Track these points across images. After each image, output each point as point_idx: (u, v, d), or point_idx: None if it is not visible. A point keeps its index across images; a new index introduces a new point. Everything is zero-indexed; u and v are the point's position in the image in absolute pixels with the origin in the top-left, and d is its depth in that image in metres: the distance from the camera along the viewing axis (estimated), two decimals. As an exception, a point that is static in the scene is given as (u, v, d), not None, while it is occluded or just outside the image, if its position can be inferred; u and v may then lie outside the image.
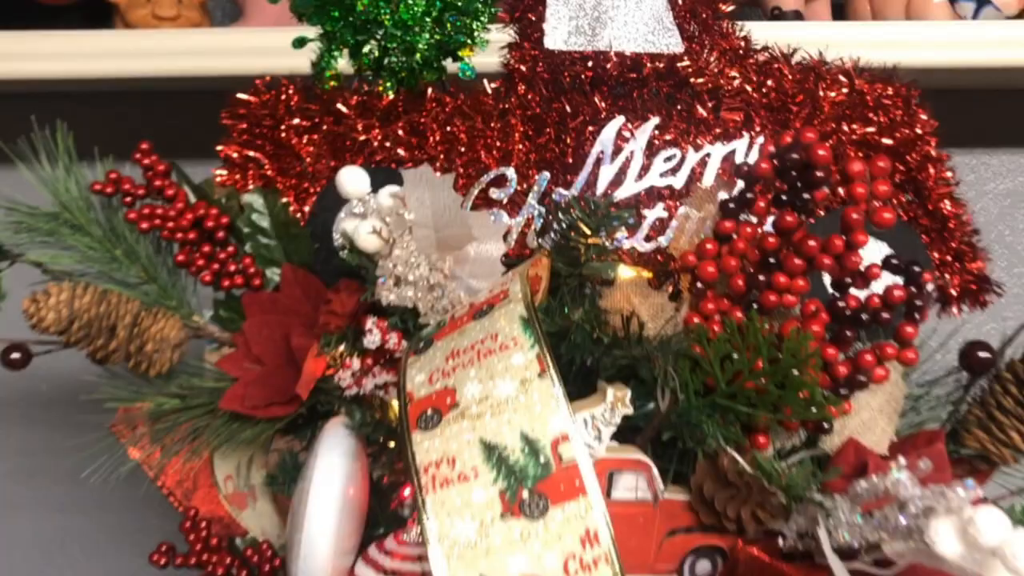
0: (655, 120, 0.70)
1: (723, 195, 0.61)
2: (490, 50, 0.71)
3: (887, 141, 0.66)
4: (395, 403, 0.71)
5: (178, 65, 0.98)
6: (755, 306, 0.59)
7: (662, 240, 0.70)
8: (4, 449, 1.41)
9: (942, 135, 0.76)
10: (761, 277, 0.59)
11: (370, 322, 0.68)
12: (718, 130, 0.69)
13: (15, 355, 0.75)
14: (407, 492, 0.72)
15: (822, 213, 0.63)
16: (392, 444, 0.71)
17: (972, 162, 1.29)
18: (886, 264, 0.60)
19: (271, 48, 0.83)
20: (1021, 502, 0.73)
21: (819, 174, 0.55)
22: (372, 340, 0.68)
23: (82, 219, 0.75)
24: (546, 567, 0.52)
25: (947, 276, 0.69)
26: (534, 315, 0.56)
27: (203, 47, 0.98)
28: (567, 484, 0.52)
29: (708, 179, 0.68)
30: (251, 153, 0.74)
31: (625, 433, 0.66)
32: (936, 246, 0.70)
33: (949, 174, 0.69)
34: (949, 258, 0.70)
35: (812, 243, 0.57)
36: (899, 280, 0.60)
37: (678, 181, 0.70)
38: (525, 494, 0.52)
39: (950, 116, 0.79)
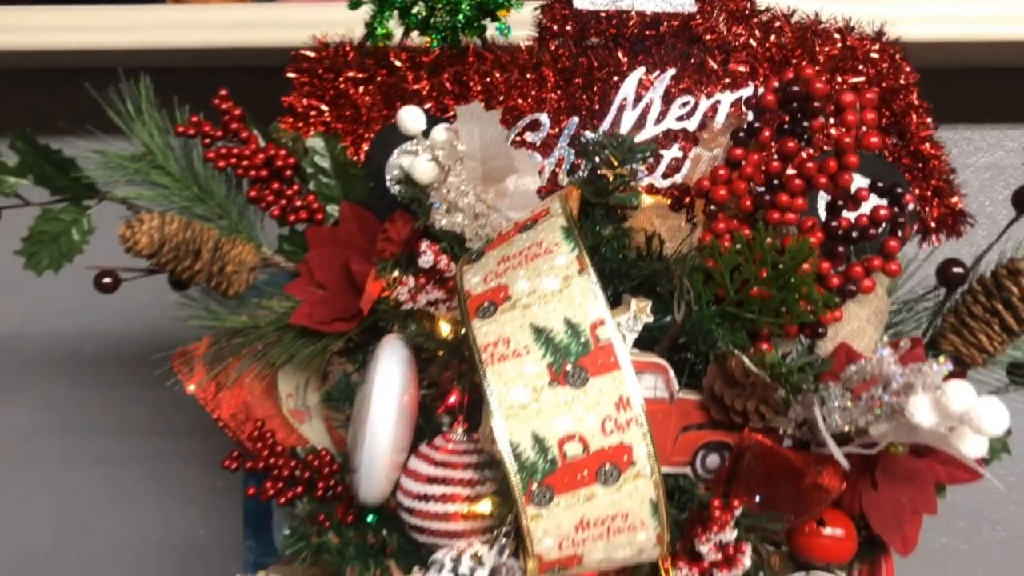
0: (671, 71, 0.81)
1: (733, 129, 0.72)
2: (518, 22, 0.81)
3: (874, 90, 0.76)
4: (443, 324, 0.81)
5: (227, 37, 1.08)
6: (761, 222, 0.69)
7: (677, 177, 0.81)
8: (53, 404, 1.51)
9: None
10: (766, 197, 0.69)
11: (424, 245, 0.78)
12: (727, 80, 0.80)
13: (107, 280, 0.85)
14: (452, 399, 0.83)
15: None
16: (440, 354, 0.81)
17: (955, 137, 1.39)
18: (873, 187, 0.71)
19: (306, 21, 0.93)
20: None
21: (816, 104, 0.66)
22: (426, 260, 0.78)
23: (163, 161, 0.85)
24: (586, 427, 0.62)
25: (927, 209, 0.79)
26: (573, 225, 0.67)
27: (250, 20, 1.08)
28: (603, 359, 0.63)
29: (719, 122, 0.79)
30: (313, 102, 0.84)
31: (644, 343, 0.77)
32: (917, 183, 0.80)
33: (929, 120, 0.79)
34: (929, 194, 0.80)
35: (810, 165, 0.67)
36: (884, 202, 0.71)
37: (692, 125, 0.80)
38: (569, 367, 0.63)
39: (934, 93, 0.89)
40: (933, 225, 0.81)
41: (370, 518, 0.84)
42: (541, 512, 0.62)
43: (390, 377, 0.78)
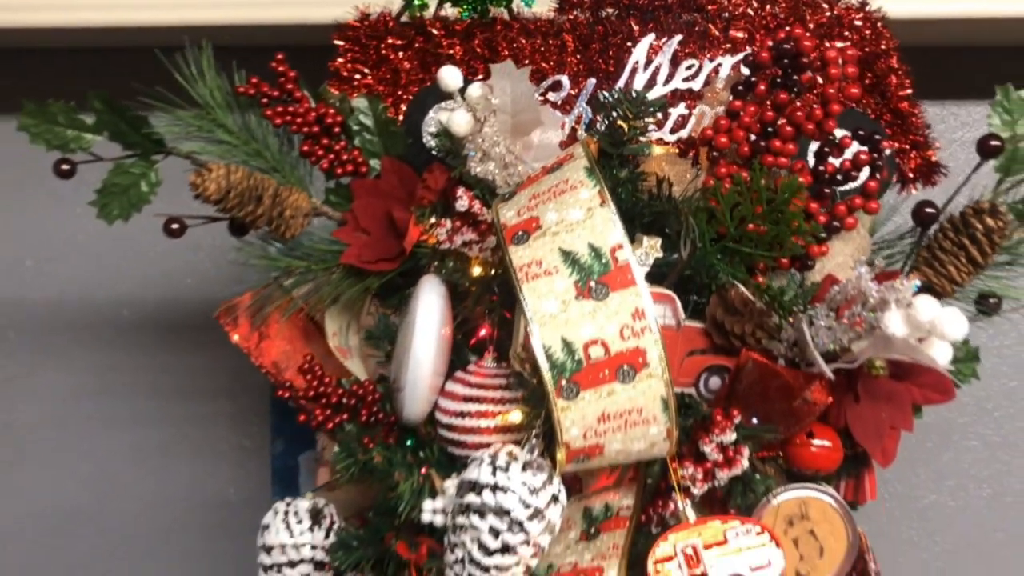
0: (678, 38, 0.93)
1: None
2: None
3: (854, 48, 0.88)
4: (475, 266, 0.93)
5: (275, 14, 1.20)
6: (757, 166, 0.81)
7: (683, 132, 0.93)
8: (92, 368, 1.61)
9: (915, 88, 0.98)
10: (762, 143, 0.81)
11: (460, 191, 0.90)
12: (727, 45, 0.92)
13: (174, 226, 0.97)
14: (483, 332, 0.95)
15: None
16: (473, 289, 0.93)
17: (942, 112, 1.51)
18: (855, 136, 0.83)
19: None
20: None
21: (805, 60, 0.78)
22: (461, 204, 0.90)
23: (224, 119, 0.97)
24: (607, 333, 0.74)
25: (905, 161, 0.91)
26: (595, 165, 0.78)
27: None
28: (622, 277, 0.75)
29: (720, 82, 0.91)
30: (357, 67, 0.96)
31: (654, 277, 0.88)
32: (897, 138, 0.92)
33: (907, 81, 0.91)
34: (907, 147, 0.92)
35: (799, 113, 0.79)
36: (864, 148, 0.83)
37: (696, 85, 0.92)
38: (592, 284, 0.75)
39: (922, 70, 1.00)
40: (911, 175, 0.93)
41: (409, 442, 0.96)
42: (569, 405, 0.74)
43: (430, 308, 0.90)
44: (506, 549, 0.77)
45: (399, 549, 0.89)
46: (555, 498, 0.79)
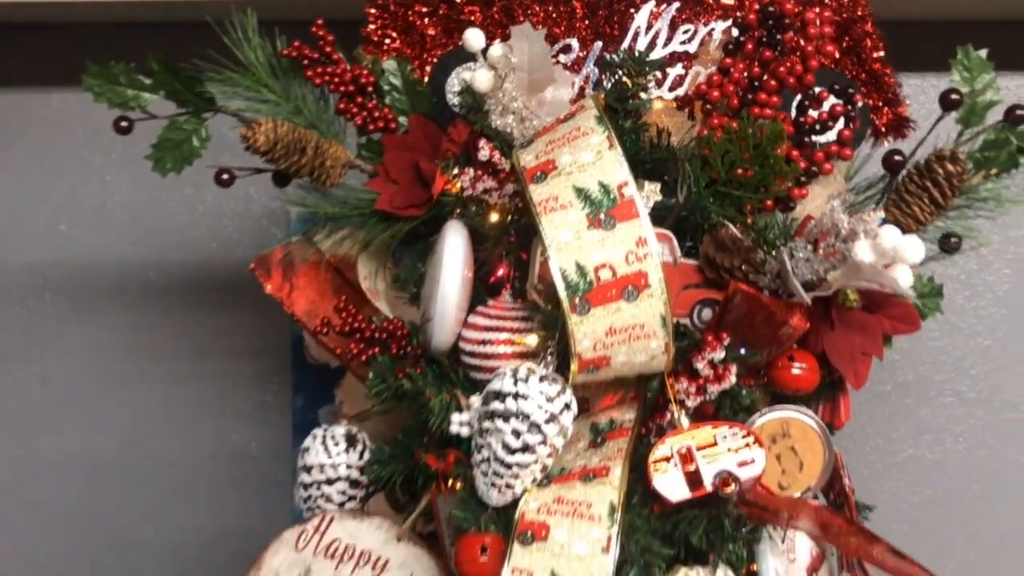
0: (676, 4, 1.06)
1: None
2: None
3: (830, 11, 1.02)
4: (493, 213, 1.05)
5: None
6: (745, 117, 0.94)
7: (680, 91, 1.05)
8: (120, 329, 1.72)
9: (897, 62, 1.11)
10: (749, 96, 0.94)
11: (482, 143, 1.02)
12: (719, 12, 1.05)
13: (224, 176, 1.09)
14: (501, 272, 1.07)
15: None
16: (492, 233, 1.05)
17: (923, 84, 1.63)
18: (831, 89, 0.95)
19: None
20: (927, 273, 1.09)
21: (787, 21, 0.91)
22: (483, 154, 1.02)
23: (268, 79, 1.09)
24: (615, 258, 0.87)
25: (879, 116, 1.04)
26: (603, 114, 0.91)
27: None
28: (627, 211, 0.88)
29: (713, 45, 1.03)
30: (387, 32, 1.09)
31: (654, 220, 1.01)
32: (871, 95, 1.05)
33: (880, 44, 1.04)
34: (880, 103, 1.05)
35: (782, 69, 0.92)
36: (839, 101, 0.96)
37: (692, 48, 1.05)
38: (602, 216, 0.87)
39: (905, 45, 1.10)
40: (883, 129, 1.06)
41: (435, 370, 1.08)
42: (582, 320, 0.87)
43: (456, 247, 1.03)
44: (526, 448, 0.90)
45: (428, 461, 1.01)
46: (567, 406, 0.92)
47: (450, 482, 1.00)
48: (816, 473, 1.02)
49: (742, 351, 0.99)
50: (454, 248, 1.02)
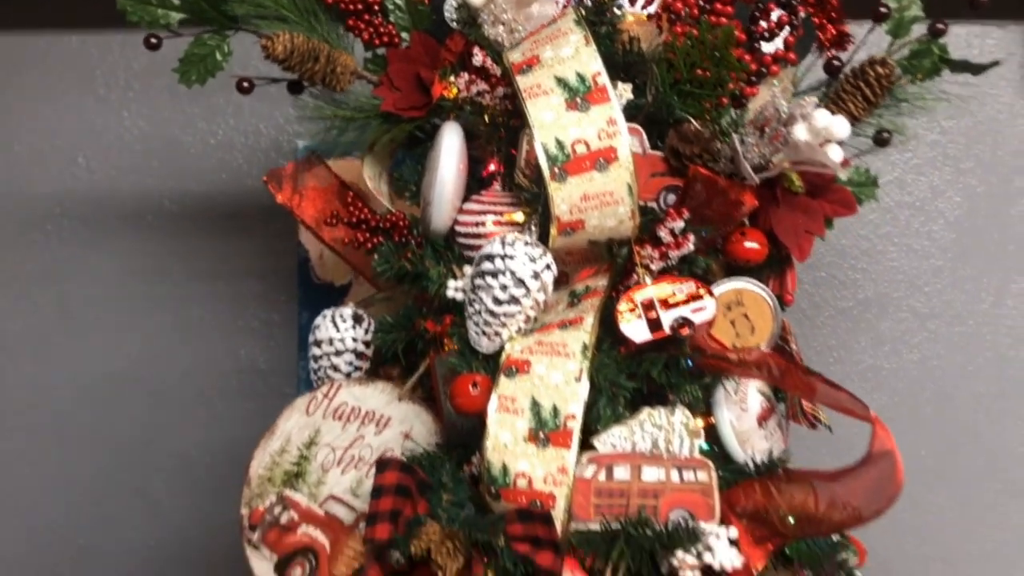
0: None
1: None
2: None
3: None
4: (486, 116, 1.23)
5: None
6: (704, 24, 1.12)
7: (650, 8, 1.23)
8: (136, 253, 1.88)
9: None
10: (707, 6, 1.13)
11: (476, 50, 1.20)
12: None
13: (245, 84, 1.26)
14: (492, 167, 1.25)
15: None
16: (483, 129, 1.23)
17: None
18: (777, 2, 1.14)
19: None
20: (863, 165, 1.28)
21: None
22: (477, 60, 1.20)
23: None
24: (589, 135, 1.06)
25: (823, 32, 1.22)
26: (581, 18, 1.09)
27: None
28: (600, 95, 1.06)
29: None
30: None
31: (626, 117, 1.19)
32: (817, 15, 1.22)
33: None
34: (825, 21, 1.22)
35: (735, -18, 1.11)
36: (784, 12, 1.14)
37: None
38: (579, 100, 1.06)
39: None
40: (827, 43, 1.23)
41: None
42: (560, 187, 1.06)
43: (452, 141, 1.21)
44: (512, 300, 1.08)
45: (427, 325, 1.20)
46: (548, 267, 1.10)
47: (446, 343, 1.18)
48: (766, 336, 1.21)
49: (702, 233, 1.18)
50: (450, 141, 1.20)
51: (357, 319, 1.29)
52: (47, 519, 1.89)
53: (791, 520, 1.10)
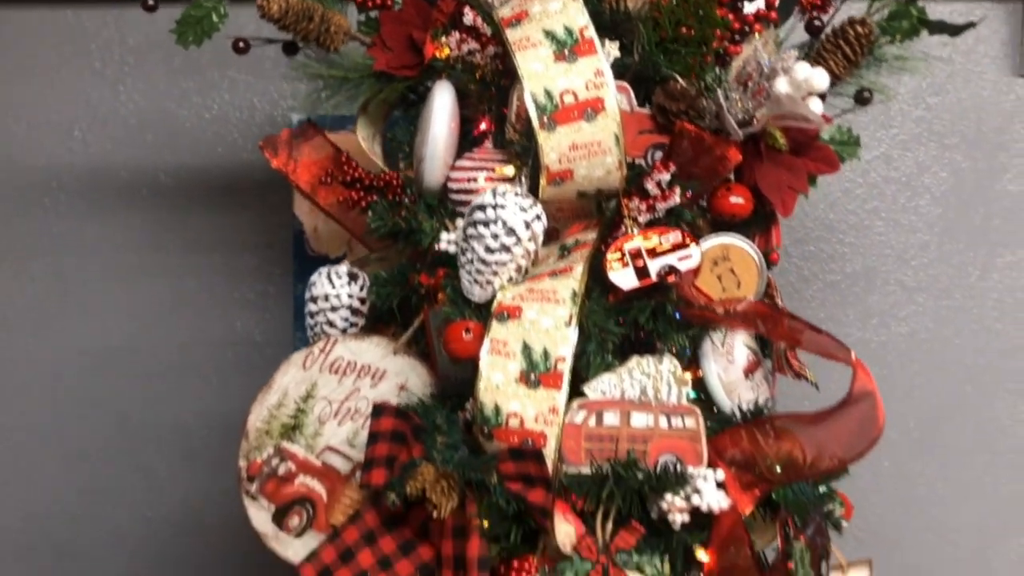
0: None
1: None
2: None
3: None
4: (477, 74, 1.27)
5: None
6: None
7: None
8: (133, 226, 1.92)
9: None
10: (690, -35, 1.17)
11: (467, 9, 1.24)
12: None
13: (241, 44, 1.30)
14: (483, 125, 1.29)
15: None
16: (474, 87, 1.27)
17: None
18: (757, -36, 1.18)
19: None
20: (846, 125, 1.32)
21: None
22: (467, 19, 1.24)
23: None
24: (577, 86, 1.10)
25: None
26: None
27: None
28: (587, 48, 1.11)
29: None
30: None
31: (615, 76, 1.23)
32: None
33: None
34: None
35: (717, -59, 1.15)
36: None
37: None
38: (566, 52, 1.10)
39: None
40: (808, 5, 1.28)
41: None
42: (549, 136, 1.10)
43: (443, 99, 1.25)
44: (504, 248, 1.12)
45: (421, 278, 1.24)
46: (538, 217, 1.14)
47: (439, 296, 1.22)
48: (752, 291, 1.25)
49: (689, 191, 1.22)
50: (442, 100, 1.24)
51: (352, 276, 1.33)
52: (44, 491, 1.91)
53: (778, 469, 1.14)
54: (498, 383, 1.07)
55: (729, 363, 1.23)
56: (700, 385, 1.22)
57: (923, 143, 1.94)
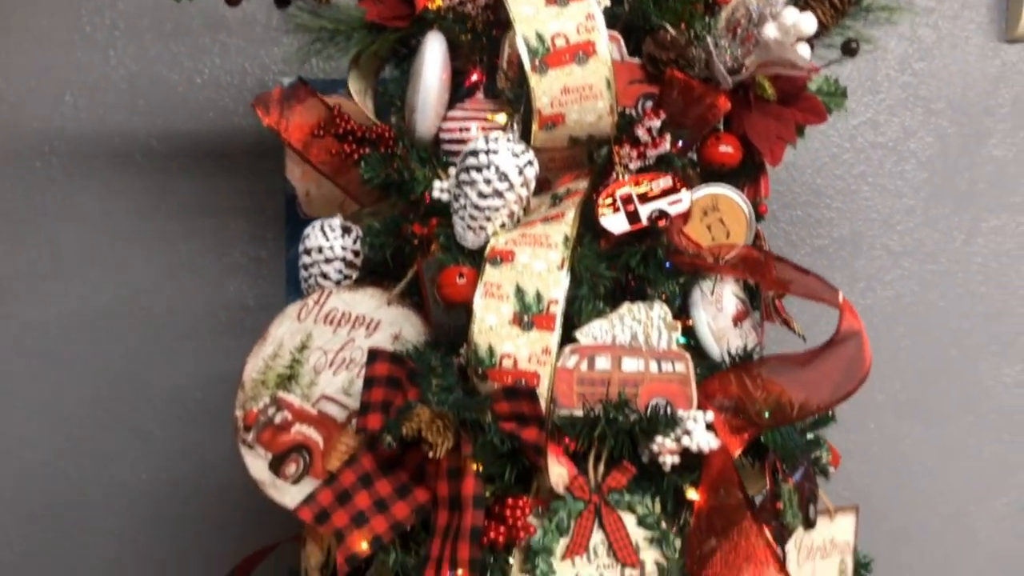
0: None
1: None
2: None
3: None
4: (468, 25, 1.28)
5: None
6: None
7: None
8: (124, 192, 1.90)
9: None
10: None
11: (458, -41, 1.25)
12: None
13: (234, -4, 1.31)
14: (475, 77, 1.30)
15: None
16: (466, 38, 1.28)
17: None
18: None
19: None
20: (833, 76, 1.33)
21: None
22: (460, -31, 1.25)
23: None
24: (568, 29, 1.11)
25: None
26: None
27: None
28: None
29: None
30: None
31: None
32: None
33: None
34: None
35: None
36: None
37: None
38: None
39: None
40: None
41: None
42: (541, 79, 1.10)
43: (434, 49, 1.25)
44: (496, 194, 1.13)
45: (415, 228, 1.24)
46: (531, 162, 1.15)
47: (432, 246, 1.23)
48: (741, 240, 1.26)
49: (679, 140, 1.23)
50: (433, 50, 1.25)
51: (346, 229, 1.34)
52: (40, 454, 1.91)
53: (767, 414, 1.15)
54: (492, 325, 1.08)
55: (718, 311, 1.25)
56: (690, 333, 1.23)
57: (909, 108, 1.95)
